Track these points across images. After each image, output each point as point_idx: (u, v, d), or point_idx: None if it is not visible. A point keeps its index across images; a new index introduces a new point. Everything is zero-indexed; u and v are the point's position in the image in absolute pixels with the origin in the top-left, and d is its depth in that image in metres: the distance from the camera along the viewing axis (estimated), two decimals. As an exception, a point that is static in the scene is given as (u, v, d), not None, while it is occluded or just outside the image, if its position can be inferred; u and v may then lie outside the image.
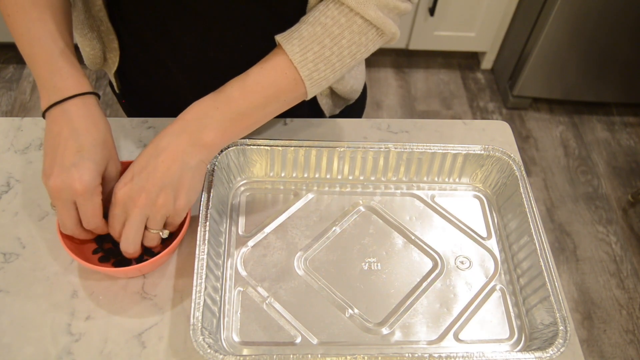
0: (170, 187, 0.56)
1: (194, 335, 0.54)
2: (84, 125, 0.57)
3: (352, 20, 0.59)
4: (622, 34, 1.81)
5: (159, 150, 0.56)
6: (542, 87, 2.00)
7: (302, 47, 0.58)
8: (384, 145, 0.71)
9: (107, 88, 2.01)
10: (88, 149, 0.56)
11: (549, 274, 0.61)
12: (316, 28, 0.58)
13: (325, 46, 0.59)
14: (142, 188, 0.55)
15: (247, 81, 0.59)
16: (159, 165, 0.56)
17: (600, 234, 1.78)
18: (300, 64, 0.59)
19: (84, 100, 0.58)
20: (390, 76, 2.18)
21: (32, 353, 0.57)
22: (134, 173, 0.56)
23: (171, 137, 0.57)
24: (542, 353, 0.56)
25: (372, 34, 0.61)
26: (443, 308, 0.64)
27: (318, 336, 0.60)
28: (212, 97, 0.59)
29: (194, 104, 0.59)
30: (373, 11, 0.58)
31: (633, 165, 1.97)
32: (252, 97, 0.59)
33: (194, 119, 0.58)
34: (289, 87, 0.60)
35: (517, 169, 0.70)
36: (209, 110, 0.58)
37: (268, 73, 0.59)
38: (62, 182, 0.55)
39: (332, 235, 0.68)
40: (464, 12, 1.99)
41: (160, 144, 0.57)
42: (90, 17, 0.70)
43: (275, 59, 0.60)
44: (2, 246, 0.64)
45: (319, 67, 0.60)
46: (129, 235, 0.57)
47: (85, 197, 0.55)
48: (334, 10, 0.58)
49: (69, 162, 0.55)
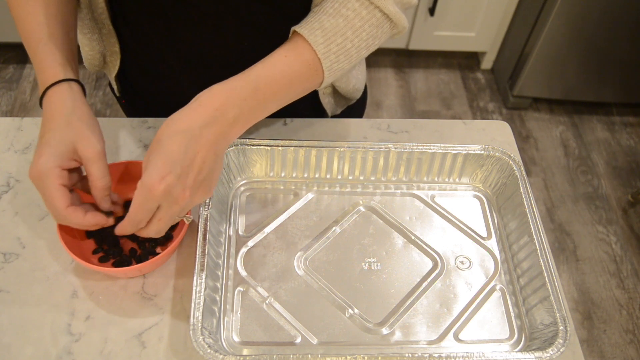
0: (207, 180, 0.55)
1: (194, 335, 0.54)
2: (50, 113, 0.58)
3: (372, 14, 0.59)
4: (622, 34, 1.81)
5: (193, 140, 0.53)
6: (542, 87, 2.00)
7: (325, 39, 0.58)
8: (384, 145, 0.71)
9: (106, 88, 2.01)
10: (46, 134, 0.57)
11: (549, 274, 0.61)
12: (338, 20, 0.59)
13: (348, 38, 0.59)
14: (185, 185, 0.53)
15: (274, 71, 0.58)
16: (196, 159, 0.53)
17: (600, 234, 1.78)
18: (324, 55, 0.59)
19: (55, 89, 0.59)
20: (390, 76, 2.18)
21: (32, 353, 0.57)
22: (171, 166, 0.53)
23: (203, 128, 0.54)
24: (542, 353, 0.56)
25: (387, 27, 0.62)
26: (443, 308, 0.64)
27: (318, 336, 0.60)
28: (240, 85, 0.57)
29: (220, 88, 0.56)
30: (392, 6, 0.60)
31: (633, 165, 1.97)
32: (277, 87, 0.58)
33: (224, 110, 0.55)
34: (309, 78, 0.60)
35: (517, 169, 0.70)
36: (237, 101, 0.56)
37: (292, 63, 0.59)
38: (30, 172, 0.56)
39: (332, 235, 0.68)
40: (464, 12, 1.99)
41: (193, 133, 0.54)
42: (92, 19, 0.70)
43: (298, 49, 0.59)
44: (2, 246, 0.64)
45: (340, 58, 0.60)
46: (160, 228, 0.56)
47: (38, 182, 0.55)
48: (354, 2, 0.59)
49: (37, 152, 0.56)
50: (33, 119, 0.76)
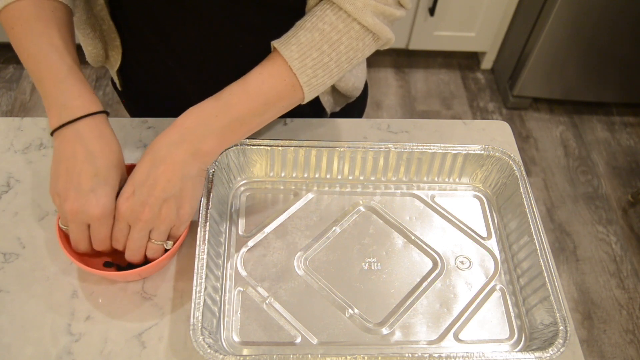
0: (173, 199, 0.56)
1: (194, 335, 0.54)
2: (99, 148, 0.56)
3: (350, 26, 0.59)
4: (622, 34, 1.81)
5: (159, 161, 0.55)
6: (542, 87, 2.00)
7: (300, 54, 0.58)
8: (384, 145, 0.71)
9: (107, 88, 2.01)
10: (104, 173, 0.56)
11: (549, 274, 0.61)
12: (314, 34, 0.58)
13: (324, 52, 0.59)
14: (145, 202, 0.55)
15: (246, 87, 0.59)
16: (159, 178, 0.55)
17: (600, 234, 1.78)
18: (299, 70, 0.58)
19: (96, 121, 0.57)
20: (390, 76, 2.18)
21: (32, 353, 0.57)
22: (135, 186, 0.55)
23: (170, 147, 0.56)
24: (542, 353, 0.56)
25: (369, 39, 0.61)
26: (443, 308, 0.64)
27: (318, 336, 0.60)
28: (211, 104, 0.58)
29: (191, 110, 0.58)
30: (370, 18, 0.59)
31: (633, 165, 1.97)
32: (251, 104, 0.59)
33: (192, 127, 0.57)
34: (288, 93, 0.60)
35: (517, 169, 0.70)
36: (208, 118, 0.57)
37: (267, 79, 0.59)
38: (79, 207, 0.54)
39: (332, 235, 0.68)
40: (464, 12, 1.99)
41: (159, 154, 0.56)
42: (92, 16, 0.70)
43: (273, 65, 0.59)
44: (2, 246, 0.64)
45: (318, 73, 0.59)
46: (133, 248, 0.57)
47: (101, 222, 0.56)
48: (331, 15, 0.58)
49: (86, 187, 0.54)
50: (33, 119, 0.76)
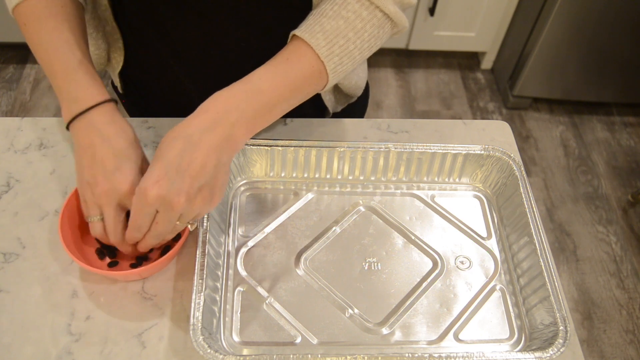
0: (208, 186, 0.54)
1: (194, 335, 0.54)
2: (113, 131, 0.57)
3: (373, 14, 0.60)
4: (622, 34, 1.81)
5: (192, 145, 0.53)
6: (542, 87, 2.00)
7: (327, 41, 0.59)
8: (384, 145, 0.71)
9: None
10: (124, 151, 0.57)
11: (549, 274, 0.61)
12: (339, 22, 0.59)
13: (350, 40, 0.59)
14: (180, 190, 0.52)
15: (275, 73, 0.58)
16: (193, 162, 0.52)
17: (600, 234, 1.78)
18: (327, 57, 0.59)
19: (105, 108, 0.59)
20: (390, 76, 2.18)
21: (32, 353, 0.57)
22: (166, 170, 0.52)
23: (203, 132, 0.53)
24: (542, 353, 0.56)
25: (388, 27, 0.62)
26: (443, 308, 0.64)
27: (318, 336, 0.60)
28: (241, 88, 0.56)
29: (219, 94, 0.56)
30: (392, 6, 0.60)
31: (633, 165, 1.97)
32: (281, 89, 0.58)
33: (225, 112, 0.55)
34: (314, 80, 0.60)
35: (517, 169, 0.70)
36: (240, 103, 0.55)
37: (295, 65, 0.59)
38: (110, 186, 0.55)
39: (332, 235, 0.68)
40: (464, 12, 1.99)
41: (193, 138, 0.53)
42: (95, 17, 0.70)
43: (299, 52, 0.59)
44: (2, 246, 0.64)
45: (343, 60, 0.60)
46: (160, 234, 0.55)
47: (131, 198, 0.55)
48: (354, 3, 0.59)
49: (111, 167, 0.55)
50: (33, 119, 0.76)
